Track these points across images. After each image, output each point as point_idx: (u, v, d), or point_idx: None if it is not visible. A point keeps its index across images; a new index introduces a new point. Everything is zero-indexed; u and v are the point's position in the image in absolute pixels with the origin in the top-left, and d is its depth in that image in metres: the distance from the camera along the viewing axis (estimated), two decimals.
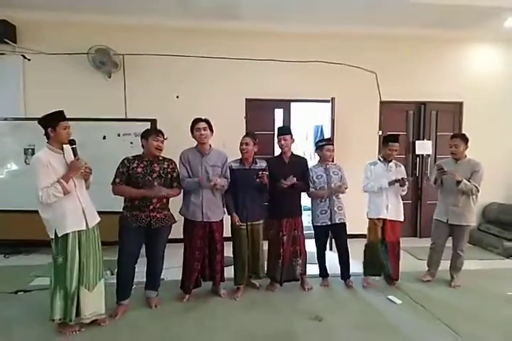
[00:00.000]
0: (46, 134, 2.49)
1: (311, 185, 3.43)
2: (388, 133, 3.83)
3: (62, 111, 2.53)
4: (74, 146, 2.52)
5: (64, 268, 2.48)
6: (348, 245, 3.48)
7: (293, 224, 3.32)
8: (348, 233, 3.50)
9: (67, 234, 2.47)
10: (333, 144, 3.51)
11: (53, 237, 2.47)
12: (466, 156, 3.45)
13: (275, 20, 4.71)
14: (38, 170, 2.37)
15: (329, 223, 3.39)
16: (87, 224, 2.57)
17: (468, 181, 3.27)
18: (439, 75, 5.27)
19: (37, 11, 4.43)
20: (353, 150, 4.91)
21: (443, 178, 3.42)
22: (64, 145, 2.54)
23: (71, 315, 2.52)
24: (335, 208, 3.40)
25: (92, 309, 2.62)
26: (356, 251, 3.54)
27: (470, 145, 3.27)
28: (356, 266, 3.58)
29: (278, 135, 3.36)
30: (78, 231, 2.52)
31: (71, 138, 2.53)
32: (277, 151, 3.60)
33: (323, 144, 3.48)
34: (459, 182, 3.25)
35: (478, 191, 3.32)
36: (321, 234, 3.52)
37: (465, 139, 3.41)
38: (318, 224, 3.43)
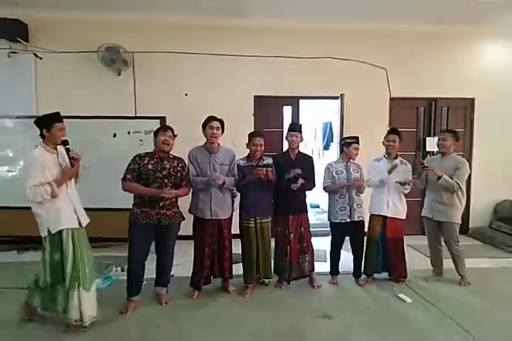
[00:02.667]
0: (41, 134, 2.53)
1: (329, 180, 3.42)
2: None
3: (58, 112, 2.58)
4: (67, 147, 2.57)
5: (61, 266, 2.50)
6: None
7: (299, 221, 3.32)
8: None
9: (61, 232, 2.49)
10: (359, 143, 3.47)
11: (46, 235, 2.49)
12: (453, 153, 3.42)
13: (284, 16, 4.68)
14: (31, 167, 2.42)
15: (348, 220, 3.37)
16: (79, 222, 2.61)
17: (452, 177, 3.25)
18: (450, 71, 5.19)
19: (48, 9, 4.47)
20: (362, 147, 4.84)
21: (428, 174, 3.39)
22: (58, 147, 2.58)
23: (65, 313, 2.51)
24: (354, 205, 3.37)
25: (91, 310, 2.60)
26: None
27: (481, 142, 3.22)
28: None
29: (288, 131, 3.35)
30: (72, 229, 2.55)
31: (65, 138, 2.57)
32: (285, 149, 3.58)
33: (352, 141, 3.43)
34: (439, 178, 3.23)
35: (460, 188, 3.27)
36: (338, 231, 3.48)
37: (455, 136, 3.38)
38: (337, 221, 3.40)
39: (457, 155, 3.44)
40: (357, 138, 3.49)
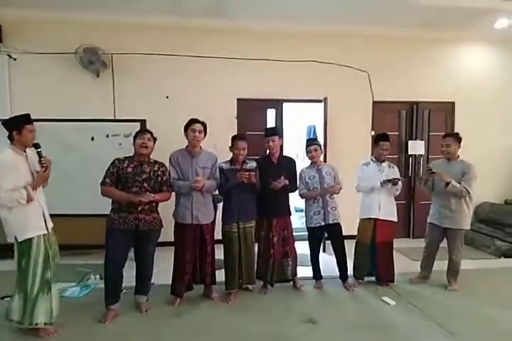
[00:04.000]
0: (10, 136, 2.46)
1: (303, 186, 3.41)
2: (378, 132, 3.82)
3: (28, 114, 2.52)
4: (39, 150, 2.50)
5: (26, 272, 2.44)
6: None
7: (283, 224, 3.30)
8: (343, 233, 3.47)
9: (30, 239, 2.43)
10: (317, 144, 3.44)
11: (13, 241, 2.44)
12: (458, 157, 3.37)
13: (267, 19, 4.66)
14: (2, 172, 2.33)
15: (323, 223, 3.36)
16: (47, 227, 2.55)
17: (460, 183, 3.20)
18: (431, 75, 5.28)
19: (23, 9, 4.33)
20: (345, 150, 4.89)
21: (434, 180, 3.36)
22: (27, 149, 2.52)
23: (30, 318, 2.46)
24: (328, 209, 3.37)
25: (56, 310, 2.58)
26: (351, 252, 3.52)
27: (461, 145, 3.24)
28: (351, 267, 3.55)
29: (266, 136, 3.32)
30: (42, 235, 2.49)
31: (35, 141, 2.51)
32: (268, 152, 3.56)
33: (306, 145, 3.46)
34: (447, 184, 3.18)
35: (468, 193, 3.22)
36: (315, 236, 3.48)
37: (458, 139, 3.34)
38: (312, 225, 3.40)
39: (463, 160, 3.34)
40: (313, 139, 3.50)
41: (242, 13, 4.54)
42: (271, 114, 5.18)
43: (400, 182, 3.35)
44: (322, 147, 3.53)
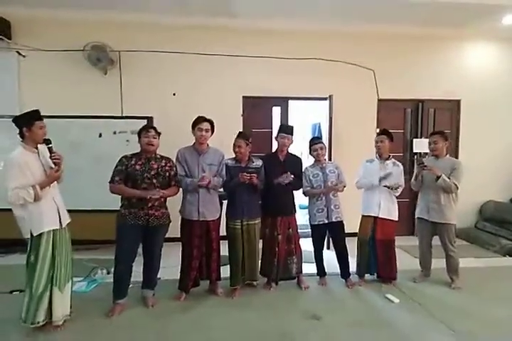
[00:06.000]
0: (21, 133, 2.47)
1: (307, 184, 3.42)
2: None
3: (37, 110, 2.52)
4: (50, 145, 2.51)
5: (34, 268, 2.47)
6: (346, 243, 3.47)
7: (287, 222, 3.32)
8: (345, 231, 3.49)
9: (41, 233, 2.46)
10: (321, 143, 3.45)
11: (29, 236, 2.46)
12: (446, 154, 3.44)
13: (273, 17, 4.67)
14: (11, 170, 2.36)
15: (326, 221, 3.38)
16: (61, 223, 2.58)
17: (449, 178, 3.25)
18: (437, 73, 5.26)
19: (32, 7, 4.38)
20: (350, 148, 4.89)
21: (423, 174, 3.40)
22: (39, 145, 2.53)
23: (34, 317, 2.48)
24: (332, 206, 3.38)
25: (63, 311, 2.61)
26: (354, 249, 3.54)
27: (467, 143, 3.26)
28: (355, 265, 3.57)
29: (281, 132, 3.33)
30: (53, 230, 2.52)
31: (46, 137, 2.52)
32: (274, 149, 3.58)
33: (311, 144, 3.47)
34: (438, 178, 3.24)
35: (457, 188, 3.28)
36: (319, 233, 3.50)
37: (444, 137, 3.39)
38: (316, 223, 3.42)
39: (451, 158, 3.44)
40: (316, 138, 3.52)
41: (248, 12, 4.54)
42: (276, 111, 5.19)
43: (400, 183, 3.38)
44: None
